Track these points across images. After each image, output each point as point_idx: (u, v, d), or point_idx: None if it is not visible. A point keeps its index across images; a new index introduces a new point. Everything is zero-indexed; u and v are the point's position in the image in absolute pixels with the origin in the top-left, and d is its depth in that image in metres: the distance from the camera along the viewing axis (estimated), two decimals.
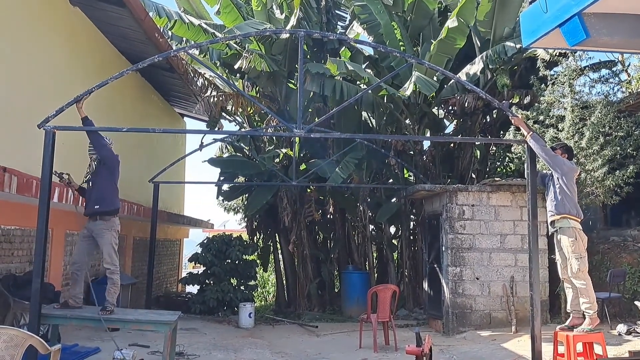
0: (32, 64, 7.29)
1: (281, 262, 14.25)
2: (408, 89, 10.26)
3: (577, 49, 7.54)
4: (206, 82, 11.89)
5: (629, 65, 12.38)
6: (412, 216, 13.20)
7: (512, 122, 7.27)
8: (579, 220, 5.72)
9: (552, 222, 5.81)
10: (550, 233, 6.07)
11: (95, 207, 5.94)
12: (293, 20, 10.85)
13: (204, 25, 11.54)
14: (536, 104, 9.51)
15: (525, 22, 6.15)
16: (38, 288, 5.43)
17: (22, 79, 7.05)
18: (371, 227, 13.76)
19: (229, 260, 11.95)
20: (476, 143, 12.36)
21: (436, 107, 12.51)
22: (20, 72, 7.00)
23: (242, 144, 14.00)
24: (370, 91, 10.81)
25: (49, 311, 5.72)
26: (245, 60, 10.91)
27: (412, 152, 12.45)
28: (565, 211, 5.67)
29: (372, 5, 11.18)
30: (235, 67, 11.47)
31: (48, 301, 6.22)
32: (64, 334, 7.27)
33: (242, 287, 12.07)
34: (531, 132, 6.06)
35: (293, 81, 12.72)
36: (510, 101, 10.66)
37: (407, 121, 12.27)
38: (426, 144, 13.06)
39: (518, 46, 9.59)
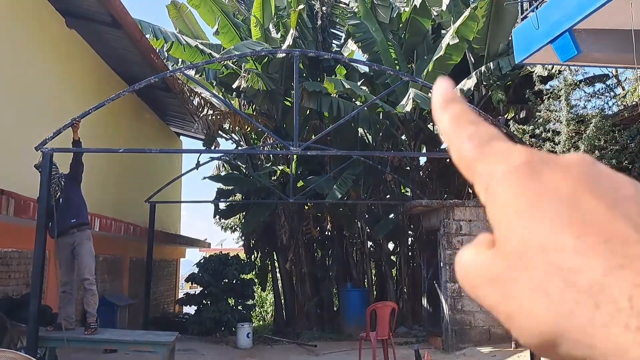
0: (28, 85, 7.32)
1: (279, 281, 14.19)
2: (407, 105, 10.22)
3: (569, 65, 7.63)
4: (202, 101, 11.95)
5: (625, 80, 12.48)
6: (409, 232, 13.20)
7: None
8: None
9: None
10: None
11: (72, 220, 6.00)
12: (289, 40, 10.95)
13: (201, 46, 11.64)
14: (532, 119, 9.57)
15: (518, 38, 6.25)
16: (36, 310, 5.41)
17: (19, 101, 7.07)
18: (369, 243, 13.74)
19: (226, 280, 11.88)
20: None
21: (432, 123, 12.57)
22: (17, 94, 7.03)
23: (239, 162, 14.03)
24: (366, 108, 10.88)
25: (47, 334, 5.69)
26: (243, 80, 10.98)
27: (408, 168, 12.48)
28: None
29: (368, 23, 11.30)
30: (234, 86, 11.54)
31: (45, 323, 6.17)
32: (61, 356, 7.20)
33: (239, 307, 11.99)
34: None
35: (289, 99, 12.79)
36: (505, 116, 10.73)
37: (403, 137, 12.33)
38: (422, 160, 13.11)
39: (512, 63, 9.69)
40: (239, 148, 13.70)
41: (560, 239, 0.28)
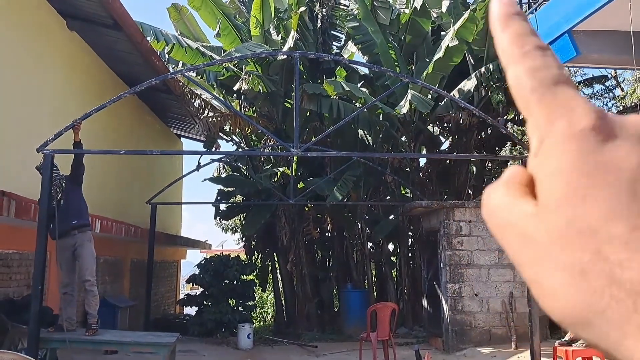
0: (30, 87, 7.35)
1: (280, 282, 14.20)
2: (404, 107, 10.33)
3: (568, 66, 7.65)
4: (203, 103, 11.98)
5: (623, 81, 12.50)
6: (410, 233, 13.22)
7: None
8: None
9: None
10: None
11: (73, 222, 6.01)
12: (290, 42, 10.94)
13: (202, 48, 11.66)
14: None
15: None
16: (37, 312, 5.42)
17: (20, 103, 7.10)
18: (369, 244, 13.76)
19: (227, 281, 11.90)
20: (472, 159, 12.44)
21: (431, 124, 12.60)
22: (18, 96, 7.06)
23: (239, 164, 14.05)
24: (366, 109, 10.90)
25: (48, 335, 5.71)
26: (244, 82, 11.01)
27: (408, 169, 12.50)
28: None
29: (368, 24, 11.32)
30: (234, 88, 11.57)
31: (46, 325, 6.19)
32: (62, 357, 7.22)
33: (240, 308, 12.00)
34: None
35: (290, 101, 12.81)
36: (505, 117, 10.76)
37: (403, 138, 12.35)
38: (422, 161, 13.13)
39: None
40: (240, 150, 13.73)
41: (612, 228, 0.26)
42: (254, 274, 14.04)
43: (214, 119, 11.64)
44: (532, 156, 0.31)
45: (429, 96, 10.58)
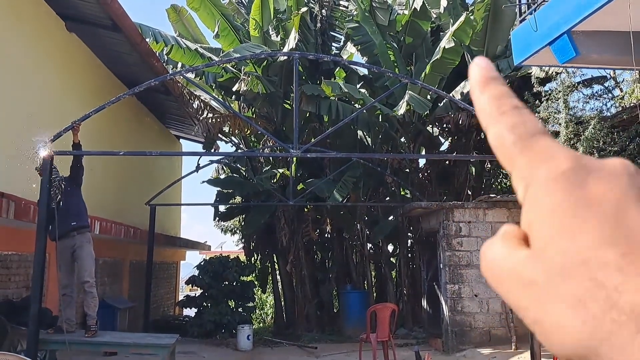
0: (29, 89, 7.34)
1: (279, 283, 14.20)
2: (401, 107, 10.30)
3: (567, 67, 7.65)
4: (202, 104, 11.98)
5: (622, 81, 12.49)
6: (409, 234, 13.22)
7: None
8: None
9: None
10: None
11: (73, 223, 6.01)
12: (292, 43, 10.85)
13: (200, 50, 11.66)
14: None
15: (516, 40, 6.27)
16: (36, 313, 5.41)
17: (19, 104, 7.09)
18: (369, 245, 13.76)
19: (226, 282, 11.90)
20: (471, 160, 12.44)
21: (431, 125, 12.60)
22: (17, 97, 7.05)
23: (238, 165, 14.04)
24: (365, 110, 10.91)
25: (47, 336, 5.70)
26: (242, 83, 11.00)
27: (408, 170, 12.50)
28: None
29: (366, 26, 11.33)
30: (234, 89, 11.57)
31: (46, 326, 6.18)
32: (62, 358, 7.20)
33: (240, 309, 12.00)
34: None
35: (289, 102, 12.81)
36: None
37: (403, 139, 12.35)
38: (422, 162, 13.13)
39: (511, 65, 9.71)
40: (239, 151, 13.73)
41: (603, 255, 0.28)
42: (254, 275, 14.05)
43: (213, 120, 11.64)
44: (521, 201, 0.32)
45: (428, 97, 10.58)
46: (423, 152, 13.05)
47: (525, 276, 0.30)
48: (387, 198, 13.56)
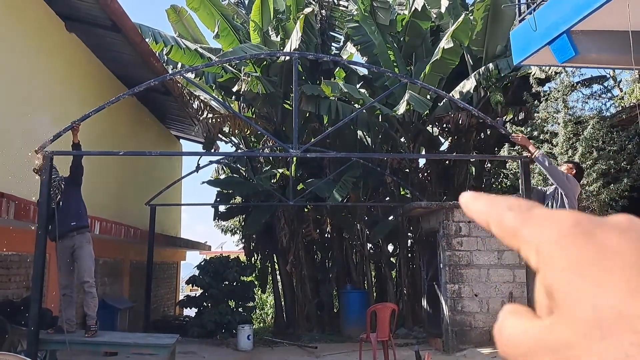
0: (28, 89, 7.35)
1: (279, 283, 14.21)
2: (401, 107, 10.29)
3: (566, 66, 7.66)
4: (202, 105, 11.98)
5: (620, 81, 12.51)
6: (409, 234, 13.22)
7: (516, 141, 6.67)
8: None
9: None
10: None
11: (72, 223, 6.01)
12: (295, 43, 10.73)
13: (200, 50, 11.66)
14: (530, 120, 9.61)
15: (516, 40, 6.28)
16: (36, 313, 5.42)
17: (19, 104, 7.10)
18: (369, 245, 13.77)
19: (227, 282, 11.90)
20: (471, 160, 12.45)
21: (431, 125, 12.60)
22: (17, 98, 7.06)
23: (238, 165, 14.05)
24: (365, 110, 10.91)
25: (47, 336, 5.70)
26: (243, 83, 10.99)
27: (407, 170, 12.51)
28: None
29: (366, 26, 11.34)
30: (234, 89, 11.56)
31: (46, 326, 6.19)
32: (62, 359, 7.21)
33: (240, 309, 12.00)
34: (539, 151, 6.07)
35: (289, 102, 12.81)
36: (504, 118, 10.77)
37: (402, 139, 12.36)
38: (422, 162, 13.14)
39: (511, 64, 9.72)
40: (239, 151, 13.73)
41: (638, 305, 0.27)
42: (254, 275, 14.05)
43: (213, 120, 11.64)
44: (535, 269, 0.32)
45: (428, 97, 10.58)
46: (423, 152, 13.05)
47: (558, 341, 0.28)
48: (387, 198, 13.56)
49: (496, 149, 11.67)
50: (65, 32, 8.36)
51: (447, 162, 12.77)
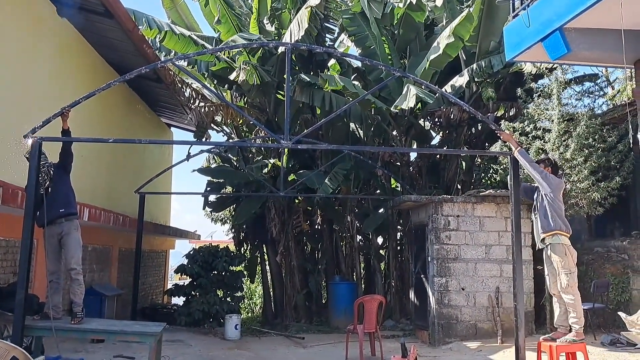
0: (19, 74, 7.28)
1: (268, 274, 14.23)
2: (409, 102, 9.91)
3: (558, 63, 7.68)
4: (194, 93, 11.91)
5: (614, 80, 12.55)
6: (398, 227, 13.26)
7: (501, 137, 6.82)
8: (569, 235, 5.75)
9: (543, 239, 5.81)
10: (538, 248, 6.06)
11: (61, 210, 5.97)
12: (298, 35, 10.53)
13: (194, 37, 11.57)
14: (521, 116, 9.63)
15: (509, 36, 6.29)
16: (22, 299, 5.40)
17: (9, 90, 7.03)
18: (359, 237, 13.81)
19: (215, 272, 11.90)
20: (462, 154, 12.48)
21: (423, 119, 12.61)
22: (7, 83, 6.99)
23: (229, 155, 14.00)
24: (358, 103, 10.87)
25: (33, 323, 5.68)
26: (242, 72, 10.88)
27: (399, 163, 12.52)
28: (556, 227, 5.67)
29: (361, 18, 11.29)
30: (231, 78, 11.46)
31: (32, 312, 6.17)
32: (48, 345, 7.19)
33: (228, 299, 12.01)
34: (519, 148, 6.12)
35: (282, 92, 12.75)
36: (495, 113, 10.79)
37: (394, 133, 12.36)
38: (413, 155, 13.16)
39: (504, 60, 9.70)
40: (230, 141, 13.68)
41: None
42: (243, 265, 14.05)
43: (205, 109, 11.58)
44: None
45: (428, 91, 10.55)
46: (414, 146, 13.07)
47: None
48: (378, 191, 13.59)
49: (487, 144, 11.71)
50: (57, 17, 8.25)
51: (437, 156, 12.79)
